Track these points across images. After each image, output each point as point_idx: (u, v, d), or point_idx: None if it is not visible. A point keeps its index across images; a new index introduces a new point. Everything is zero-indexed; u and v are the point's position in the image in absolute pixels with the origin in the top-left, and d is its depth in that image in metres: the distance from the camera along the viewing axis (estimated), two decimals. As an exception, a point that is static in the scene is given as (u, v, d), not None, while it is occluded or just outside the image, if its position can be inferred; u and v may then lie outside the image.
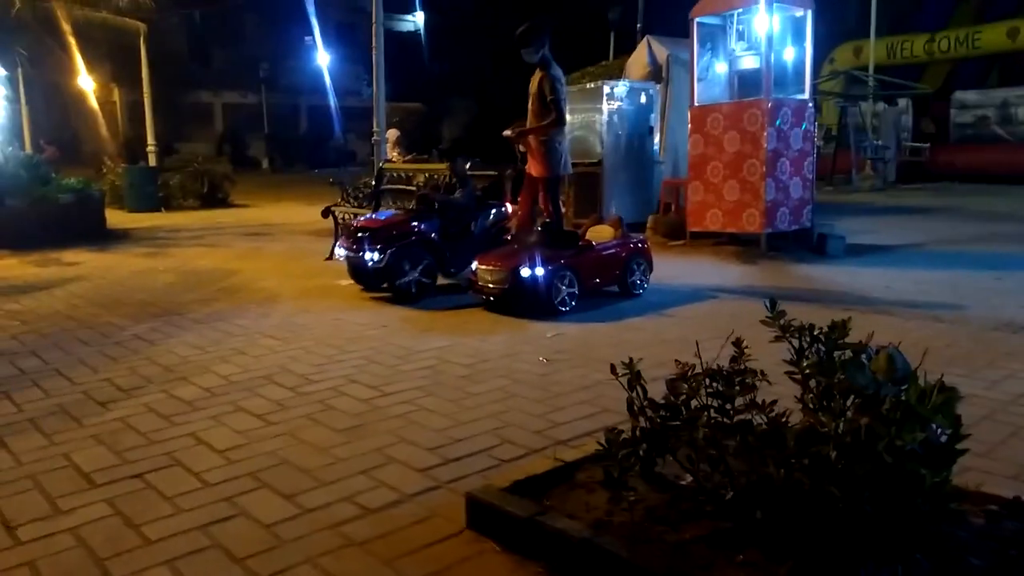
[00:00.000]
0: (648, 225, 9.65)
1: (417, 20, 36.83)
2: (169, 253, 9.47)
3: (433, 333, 5.20)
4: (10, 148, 11.62)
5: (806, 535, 1.93)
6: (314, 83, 33.37)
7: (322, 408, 3.72)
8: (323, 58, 30.58)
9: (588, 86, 11.15)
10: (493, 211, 6.98)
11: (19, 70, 13.68)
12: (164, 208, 15.07)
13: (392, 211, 7.45)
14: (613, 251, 6.23)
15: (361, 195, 9.01)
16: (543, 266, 5.59)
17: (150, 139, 16.47)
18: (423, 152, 17.23)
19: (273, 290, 6.81)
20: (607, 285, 6.21)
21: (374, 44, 10.18)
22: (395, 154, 12.49)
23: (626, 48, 14.59)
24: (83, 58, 18.46)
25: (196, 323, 5.57)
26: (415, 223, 6.47)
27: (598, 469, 2.50)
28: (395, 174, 9.07)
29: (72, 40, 15.25)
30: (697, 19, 8.89)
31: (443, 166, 8.60)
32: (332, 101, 32.13)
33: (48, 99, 21.31)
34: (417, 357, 4.60)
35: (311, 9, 27.26)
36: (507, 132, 6.36)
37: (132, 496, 2.80)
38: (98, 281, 7.43)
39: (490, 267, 5.80)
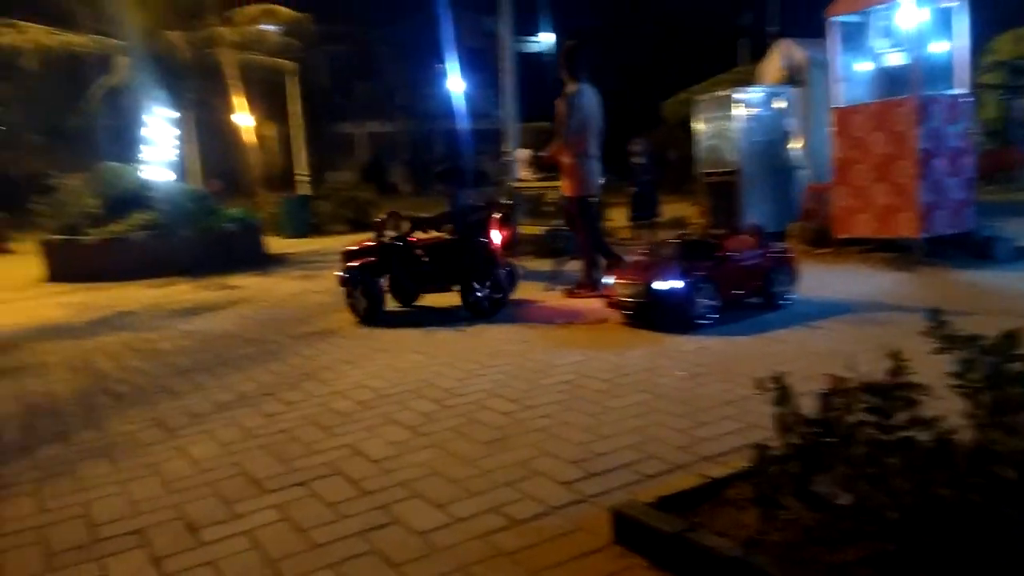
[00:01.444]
0: (791, 233, 9.28)
1: (544, 41, 37.33)
2: (321, 275, 10.06)
3: (570, 348, 5.24)
4: (180, 184, 12.79)
5: (979, 559, 1.80)
6: (449, 108, 34.55)
7: (467, 421, 3.84)
8: (455, 83, 31.61)
9: (719, 94, 10.91)
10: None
11: (188, 112, 15.02)
12: (316, 233, 16.05)
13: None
14: (754, 261, 6.04)
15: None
16: (680, 278, 5.51)
17: (302, 169, 17.60)
18: (553, 171, 17.43)
19: (416, 306, 7.08)
20: (749, 297, 6.03)
21: (503, 67, 10.42)
22: (526, 173, 12.71)
23: (758, 53, 14.15)
24: (242, 97, 20.08)
25: (347, 340, 5.90)
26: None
27: (748, 486, 2.44)
28: (528, 193, 9.24)
29: (233, 81, 16.62)
30: (834, 18, 8.51)
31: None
32: (463, 124, 33.09)
33: (212, 137, 23.25)
34: (555, 371, 4.65)
35: (443, 38, 28.25)
36: (541, 154, 6.76)
37: (298, 502, 3.00)
38: (260, 302, 8.02)
39: (626, 281, 5.78)
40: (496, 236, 6.38)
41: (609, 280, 6.06)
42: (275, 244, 13.84)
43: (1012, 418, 1.85)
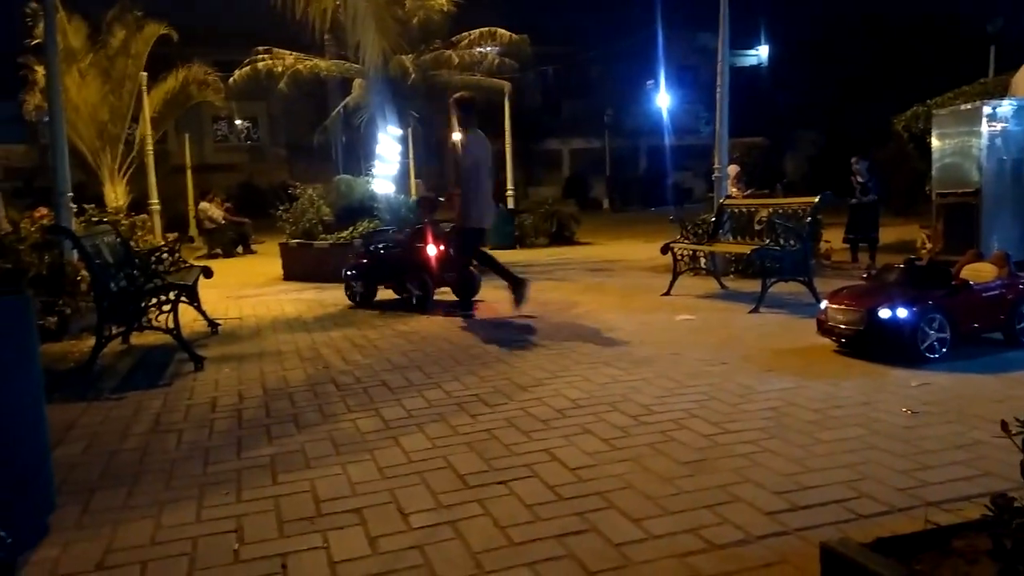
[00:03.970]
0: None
1: (760, 54, 35.97)
2: (522, 286, 10.36)
3: (776, 373, 4.99)
4: (401, 196, 13.78)
5: None
6: (654, 125, 34.36)
7: (664, 439, 3.79)
8: (664, 100, 31.35)
9: (963, 107, 9.91)
10: None
11: (410, 130, 16.16)
12: (518, 245, 16.59)
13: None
14: (996, 292, 5.42)
15: (701, 231, 9.01)
16: (907, 307, 5.07)
17: (509, 184, 18.28)
18: (764, 187, 16.71)
19: (614, 322, 7.10)
20: (988, 331, 5.41)
21: (719, 82, 10.18)
22: (735, 190, 12.31)
23: (1010, 63, 12.68)
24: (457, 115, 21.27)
25: (547, 350, 6.04)
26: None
27: (983, 538, 2.19)
28: (736, 210, 8.94)
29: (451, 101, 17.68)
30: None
31: (788, 200, 8.30)
32: (669, 141, 32.72)
33: (428, 153, 24.85)
34: (760, 397, 4.46)
35: (655, 55, 28.20)
36: (427, 195, 7.89)
37: (498, 500, 3.12)
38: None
39: (842, 306, 5.41)
40: (432, 250, 8.12)
41: (821, 305, 5.71)
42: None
43: None
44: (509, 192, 18.25)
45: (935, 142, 9.85)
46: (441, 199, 8.53)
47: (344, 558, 2.68)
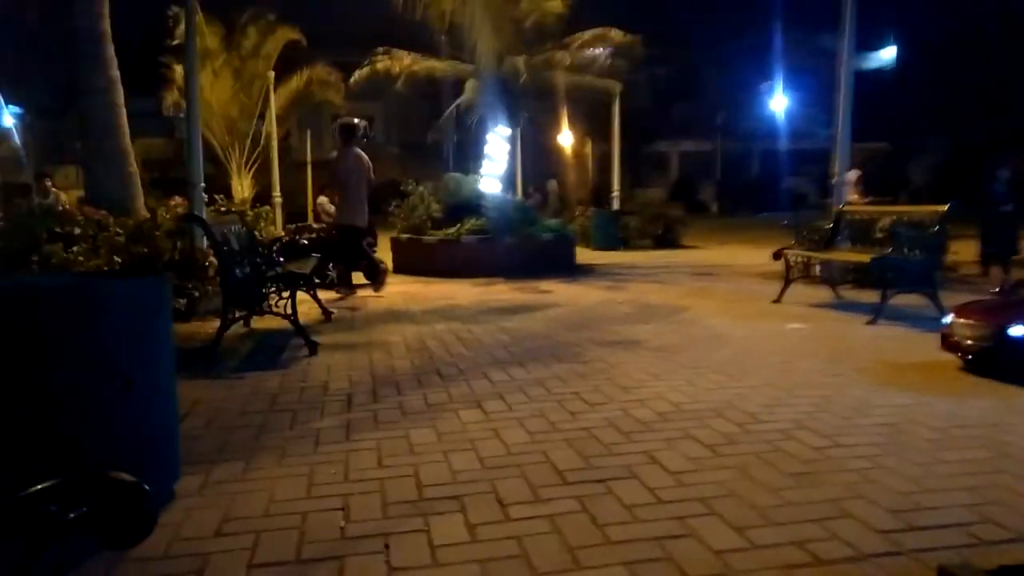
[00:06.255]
0: None
1: (886, 56, 34.21)
2: (626, 287, 10.30)
3: (894, 388, 4.75)
4: (508, 194, 13.94)
5: None
6: (768, 128, 33.28)
7: (770, 449, 3.67)
8: (779, 103, 30.33)
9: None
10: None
11: (519, 129, 16.31)
12: (623, 247, 16.47)
13: None
14: None
15: (817, 238, 8.67)
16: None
17: (615, 186, 18.17)
18: (886, 194, 15.89)
19: (720, 328, 6.94)
20: None
21: (841, 85, 9.75)
22: (854, 196, 11.76)
23: None
24: (566, 117, 21.28)
25: (649, 351, 5.97)
26: None
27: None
28: (855, 217, 8.56)
29: (561, 102, 17.72)
30: None
31: (914, 208, 7.88)
32: (784, 144, 31.61)
33: (536, 153, 24.98)
34: (875, 412, 4.25)
35: (772, 57, 27.33)
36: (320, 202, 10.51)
37: (596, 498, 3.12)
38: (568, 308, 8.44)
39: (971, 321, 5.08)
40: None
41: (946, 319, 5.39)
42: (585, 255, 14.44)
43: None
44: (615, 193, 18.13)
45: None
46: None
47: (444, 543, 2.74)
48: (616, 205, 18.13)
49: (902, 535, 2.73)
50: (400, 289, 10.29)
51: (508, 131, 14.22)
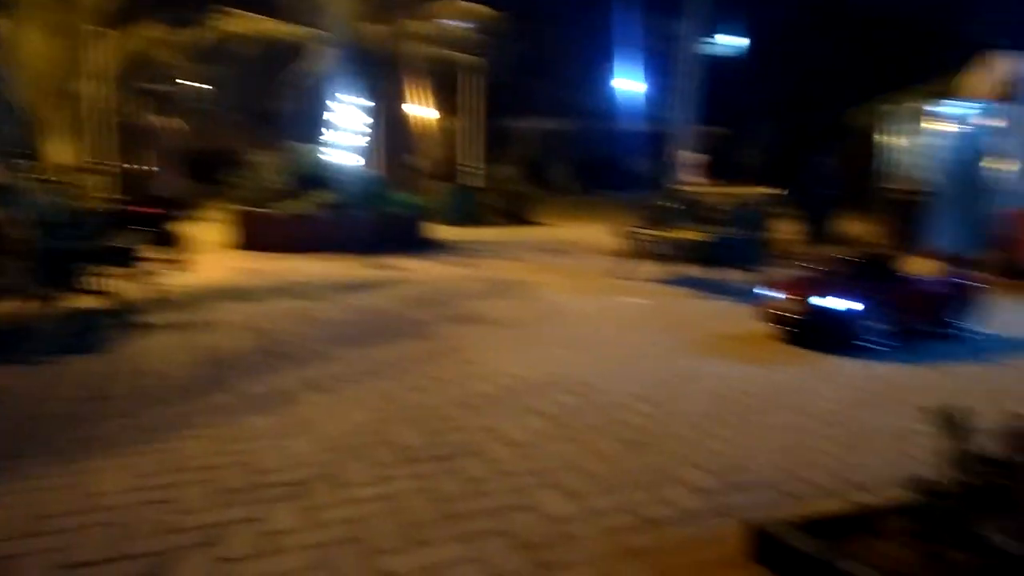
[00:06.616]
0: (980, 261, 8.46)
1: (730, 43, 36.15)
2: (477, 264, 10.33)
3: (719, 357, 5.09)
4: (358, 167, 13.58)
5: None
6: (622, 109, 34.41)
7: (606, 419, 3.82)
8: (629, 85, 31.44)
9: (911, 106, 10.15)
10: None
11: (371, 102, 15.91)
12: (476, 223, 16.52)
13: None
14: (935, 287, 5.59)
15: (659, 217, 9.10)
16: (847, 298, 5.19)
17: (470, 162, 18.18)
18: (727, 177, 16.89)
19: (565, 303, 7.13)
20: (926, 325, 5.57)
21: (682, 69, 10.22)
22: (692, 178, 12.43)
23: (958, 64, 12.91)
24: (422, 89, 20.99)
25: (497, 327, 6.03)
26: None
27: (905, 520, 2.27)
28: (694, 197, 9.04)
29: (416, 74, 17.46)
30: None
31: (744, 190, 8.42)
32: (631, 126, 32.85)
33: (392, 126, 24.53)
34: (702, 380, 4.54)
35: (623, 39, 28.19)
36: None
37: (438, 475, 3.12)
38: (418, 284, 8.35)
39: (786, 295, 5.52)
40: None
41: (765, 293, 5.81)
42: (439, 231, 14.36)
43: None
44: (472, 170, 18.13)
45: (885, 139, 10.09)
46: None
47: (279, 530, 2.65)
48: (469, 181, 18.15)
49: (720, 494, 2.93)
50: (242, 265, 9.79)
51: (359, 101, 13.84)
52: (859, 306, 5.17)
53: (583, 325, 6.15)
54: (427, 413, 3.91)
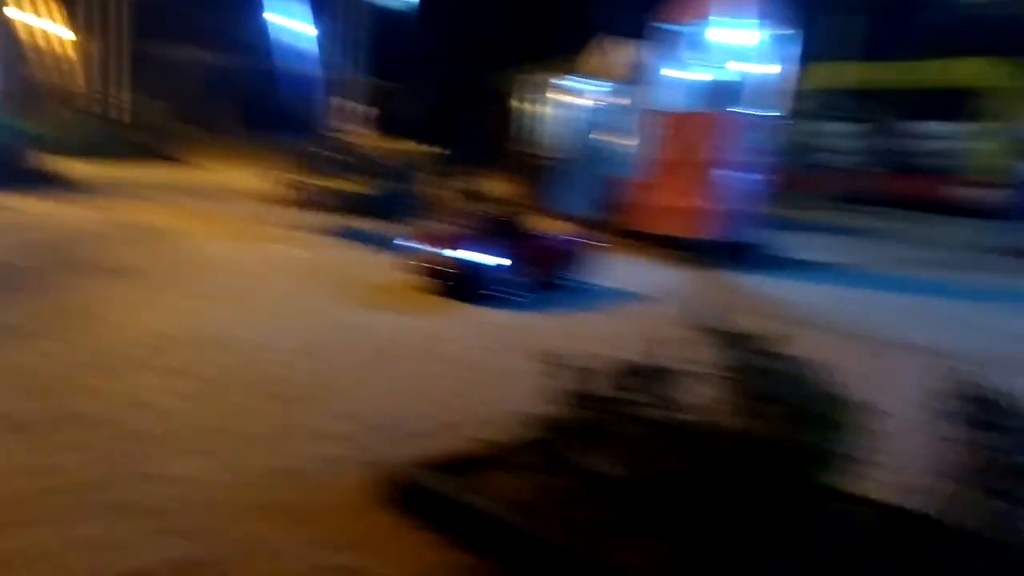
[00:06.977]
0: (596, 222, 9.76)
1: (409, -1, 36.09)
2: (113, 207, 9.20)
3: (372, 309, 5.26)
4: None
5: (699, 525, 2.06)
6: (289, 52, 32.65)
7: (260, 376, 3.75)
8: (301, 27, 29.98)
9: (539, 77, 11.28)
10: None
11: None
12: (115, 160, 14.65)
13: None
14: (555, 244, 6.32)
15: (317, 165, 8.99)
16: (482, 252, 5.64)
17: (108, 89, 16.03)
18: (391, 131, 17.09)
19: (216, 253, 6.76)
20: (553, 278, 6.28)
21: (352, 17, 10.07)
22: (352, 128, 12.41)
23: (578, 45, 14.39)
24: (62, 6, 17.84)
25: (138, 280, 5.52)
26: None
27: (530, 455, 2.54)
28: (342, 145, 9.07)
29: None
30: (660, 25, 9.07)
31: (403, 146, 8.66)
32: (304, 71, 31.53)
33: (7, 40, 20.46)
34: (358, 331, 4.67)
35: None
36: None
37: (59, 452, 2.81)
38: (39, 230, 7.16)
39: (428, 247, 5.83)
40: None
41: (411, 244, 6.05)
42: (64, 166, 12.44)
43: (759, 406, 2.09)
44: (113, 99, 15.93)
45: (521, 106, 11.16)
46: None
47: None
48: (117, 114, 16.00)
49: (367, 443, 3.06)
50: None
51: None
52: (493, 260, 5.65)
53: (237, 277, 5.89)
54: (53, 382, 3.47)
